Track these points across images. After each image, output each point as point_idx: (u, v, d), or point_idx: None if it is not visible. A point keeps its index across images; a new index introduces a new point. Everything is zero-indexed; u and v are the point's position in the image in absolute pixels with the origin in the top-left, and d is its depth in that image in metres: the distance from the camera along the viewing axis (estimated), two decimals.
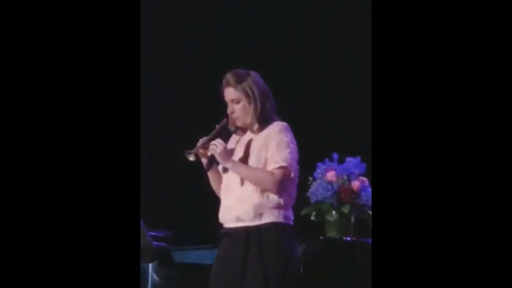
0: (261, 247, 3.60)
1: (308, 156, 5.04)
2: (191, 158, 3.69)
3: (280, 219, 3.65)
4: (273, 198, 3.66)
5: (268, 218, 3.64)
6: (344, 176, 4.85)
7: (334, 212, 4.83)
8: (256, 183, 3.66)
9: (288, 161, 3.64)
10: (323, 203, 4.84)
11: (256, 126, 3.74)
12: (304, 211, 4.90)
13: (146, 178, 6.02)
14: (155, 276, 5.07)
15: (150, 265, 5.03)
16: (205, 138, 3.74)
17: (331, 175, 4.86)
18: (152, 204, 5.41)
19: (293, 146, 3.69)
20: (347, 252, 4.70)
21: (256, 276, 3.58)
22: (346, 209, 4.78)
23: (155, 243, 4.89)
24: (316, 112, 6.14)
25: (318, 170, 4.91)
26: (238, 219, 3.66)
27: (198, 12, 6.36)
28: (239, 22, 6.33)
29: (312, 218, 4.89)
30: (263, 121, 3.72)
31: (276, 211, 3.65)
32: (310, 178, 4.92)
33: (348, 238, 4.76)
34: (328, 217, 4.85)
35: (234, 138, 3.83)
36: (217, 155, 3.66)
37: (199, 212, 3.87)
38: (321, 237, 4.82)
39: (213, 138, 3.74)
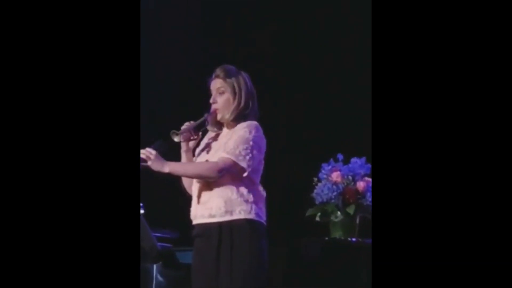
0: (232, 243, 3.57)
1: (313, 156, 5.05)
2: (176, 139, 3.69)
3: (252, 216, 3.61)
4: (243, 192, 3.62)
5: (240, 214, 3.61)
6: (349, 177, 4.84)
7: (339, 212, 4.82)
8: (199, 175, 3.66)
9: (237, 156, 3.60)
10: (328, 204, 4.83)
11: (232, 123, 3.73)
12: (309, 212, 4.90)
13: (150, 178, 6.02)
14: (159, 277, 5.06)
15: (155, 266, 5.02)
16: (192, 123, 3.75)
17: (336, 176, 4.85)
18: (156, 205, 5.40)
19: (253, 145, 3.62)
20: (352, 252, 4.69)
21: (227, 274, 3.55)
22: (351, 209, 4.77)
23: (159, 244, 4.88)
24: (321, 112, 6.12)
25: (323, 171, 4.90)
26: (210, 215, 3.63)
27: (198, 11, 6.37)
28: (241, 22, 6.32)
29: (317, 219, 4.88)
30: (240, 119, 3.71)
31: (247, 207, 3.61)
32: (315, 179, 4.92)
33: (353, 239, 4.75)
34: (333, 218, 4.84)
35: (210, 134, 3.83)
36: (150, 163, 3.62)
37: None
38: (326, 238, 4.81)
39: (200, 125, 3.75)
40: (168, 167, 3.65)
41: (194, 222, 3.73)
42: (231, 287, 3.55)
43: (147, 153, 3.62)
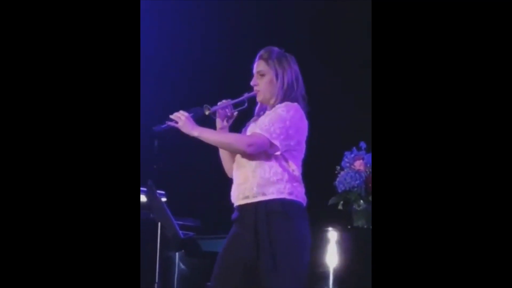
0: (269, 227, 3.50)
1: (335, 145, 5.04)
2: (207, 112, 3.64)
3: (284, 195, 3.55)
4: (276, 171, 3.56)
5: (273, 194, 3.54)
6: None
7: (361, 201, 4.81)
8: (228, 145, 3.61)
9: (271, 133, 3.53)
10: (351, 192, 4.83)
11: (274, 103, 3.66)
12: (332, 201, 4.89)
13: (173, 167, 6.05)
14: (182, 265, 5.08)
15: (177, 254, 5.04)
16: (229, 100, 3.71)
17: (359, 164, 4.85)
18: (179, 193, 5.42)
19: (290, 124, 3.55)
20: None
21: (267, 259, 3.47)
22: None
23: (182, 232, 4.89)
24: (344, 99, 6.11)
25: (346, 159, 4.89)
26: (244, 196, 3.58)
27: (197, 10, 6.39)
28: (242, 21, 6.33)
29: (340, 207, 4.88)
30: (283, 100, 3.63)
31: (280, 186, 3.55)
32: (338, 167, 4.91)
33: None
34: (355, 206, 4.83)
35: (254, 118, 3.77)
36: (181, 124, 3.56)
37: (226, 201, 3.84)
38: (349, 226, 4.80)
39: (238, 104, 3.71)
40: (197, 131, 3.57)
41: (234, 204, 3.67)
42: (271, 270, 3.46)
43: (179, 114, 3.58)
